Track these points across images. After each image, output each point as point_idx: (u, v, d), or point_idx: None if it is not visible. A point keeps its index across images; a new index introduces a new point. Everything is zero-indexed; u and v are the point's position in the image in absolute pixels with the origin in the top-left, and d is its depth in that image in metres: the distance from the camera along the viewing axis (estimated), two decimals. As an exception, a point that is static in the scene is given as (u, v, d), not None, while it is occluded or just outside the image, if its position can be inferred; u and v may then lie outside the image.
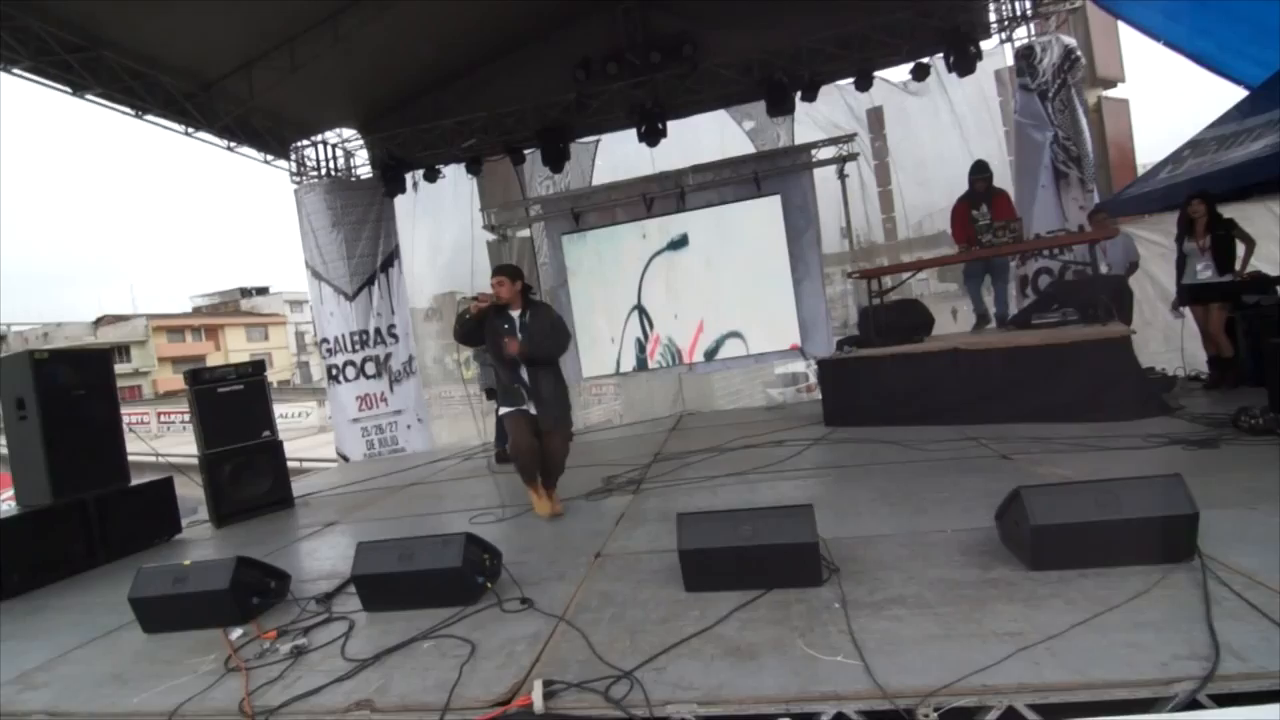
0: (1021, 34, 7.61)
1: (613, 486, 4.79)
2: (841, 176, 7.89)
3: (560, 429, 4.20)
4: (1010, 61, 7.66)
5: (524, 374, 4.12)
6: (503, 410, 4.29)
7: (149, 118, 6.95)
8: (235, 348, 43.15)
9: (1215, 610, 2.00)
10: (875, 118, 8.74)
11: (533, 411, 4.12)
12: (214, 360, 40.04)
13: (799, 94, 7.78)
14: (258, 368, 5.99)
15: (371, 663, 2.42)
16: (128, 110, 6.80)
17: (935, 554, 2.74)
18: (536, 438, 4.12)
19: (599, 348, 8.59)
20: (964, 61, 7.23)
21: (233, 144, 7.98)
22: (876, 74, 7.84)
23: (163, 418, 27.26)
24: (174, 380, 39.23)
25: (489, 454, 7.07)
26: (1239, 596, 2.07)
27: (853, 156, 7.96)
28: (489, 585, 2.92)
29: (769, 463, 4.92)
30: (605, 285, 8.58)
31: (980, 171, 6.71)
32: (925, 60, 7.58)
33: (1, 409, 4.88)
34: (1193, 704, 1.68)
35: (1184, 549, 2.31)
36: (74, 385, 4.90)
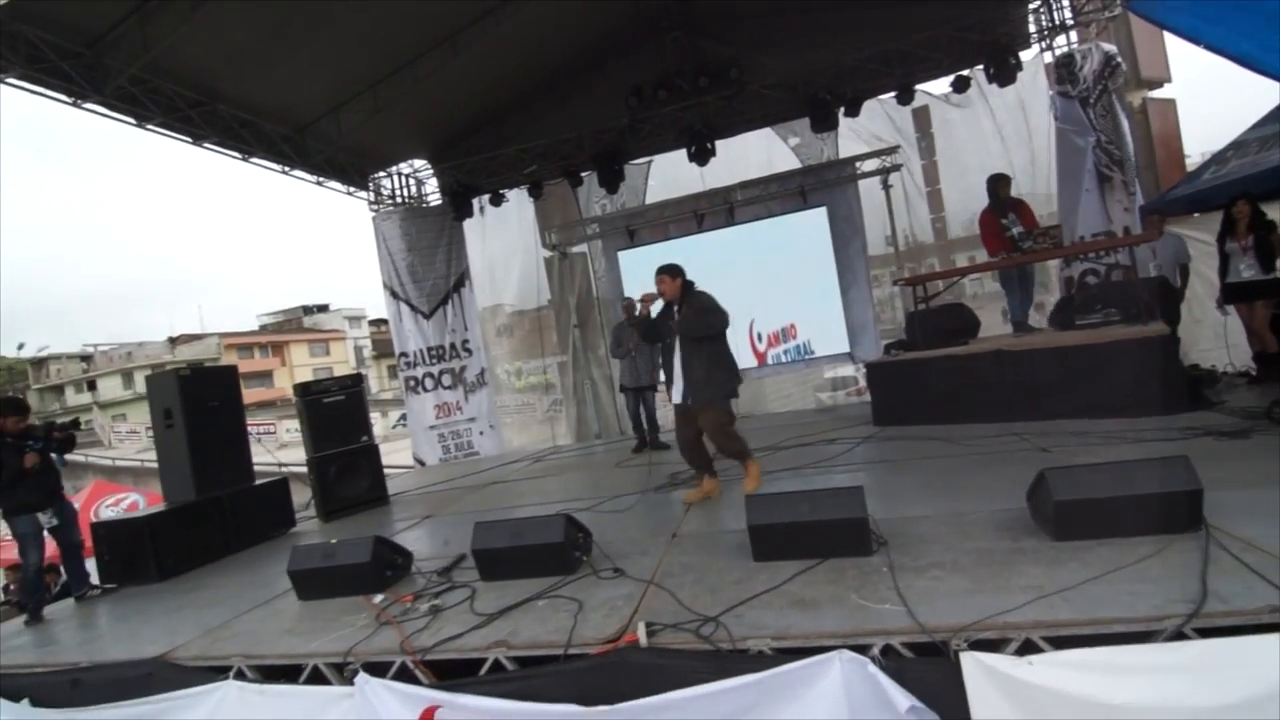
0: (1060, 42, 7.79)
1: (678, 481, 5.27)
2: (886, 187, 8.21)
3: (703, 410, 4.38)
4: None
5: (676, 361, 4.48)
6: None
7: (254, 160, 7.82)
8: (299, 363, 45.19)
9: (1211, 568, 2.36)
10: (922, 116, 8.87)
11: (676, 400, 4.50)
12: (280, 376, 42.21)
13: (842, 110, 8.11)
14: (356, 380, 6.73)
15: (498, 616, 2.96)
16: (236, 155, 7.67)
17: (972, 530, 3.14)
18: (689, 427, 4.48)
19: (655, 356, 9.07)
20: (1004, 72, 7.46)
21: (321, 179, 8.83)
22: (917, 87, 8.14)
23: (241, 430, 28.83)
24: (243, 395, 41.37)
25: (559, 455, 7.64)
26: (1235, 557, 2.42)
27: (896, 168, 8.27)
28: (584, 558, 3.45)
29: (822, 458, 5.32)
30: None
31: (1004, 181, 6.75)
32: (965, 72, 7.85)
33: (151, 418, 5.70)
34: (1180, 635, 2.06)
35: (1190, 520, 2.66)
36: (209, 397, 5.69)
